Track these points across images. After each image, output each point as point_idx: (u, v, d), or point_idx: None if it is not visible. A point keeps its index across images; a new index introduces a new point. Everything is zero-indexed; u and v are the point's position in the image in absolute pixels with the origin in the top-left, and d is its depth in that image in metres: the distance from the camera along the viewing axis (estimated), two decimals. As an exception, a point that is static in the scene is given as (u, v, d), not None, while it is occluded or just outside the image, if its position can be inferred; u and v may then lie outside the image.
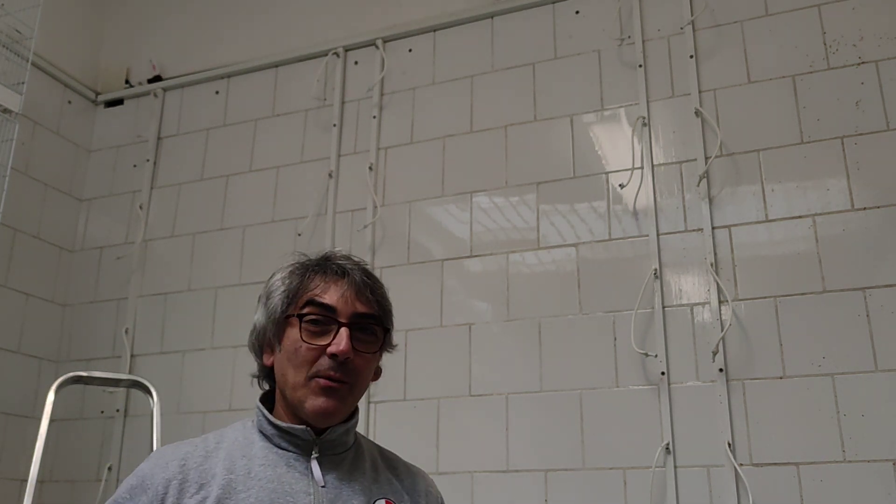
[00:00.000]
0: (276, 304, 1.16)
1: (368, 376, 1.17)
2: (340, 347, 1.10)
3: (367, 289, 1.16)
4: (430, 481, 1.27)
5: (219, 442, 1.14)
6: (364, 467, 1.18)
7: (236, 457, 1.11)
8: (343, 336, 1.11)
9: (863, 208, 2.06)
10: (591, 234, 2.32)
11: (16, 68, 2.48)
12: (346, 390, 1.12)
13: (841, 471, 1.91)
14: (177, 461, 1.09)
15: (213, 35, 3.10)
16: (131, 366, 2.77)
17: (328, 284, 1.15)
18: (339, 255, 1.21)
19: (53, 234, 2.94)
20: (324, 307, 1.13)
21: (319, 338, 1.12)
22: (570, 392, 2.21)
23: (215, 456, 1.11)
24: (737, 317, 2.10)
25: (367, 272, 1.19)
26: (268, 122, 2.88)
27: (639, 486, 2.06)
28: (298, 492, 1.08)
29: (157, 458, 1.12)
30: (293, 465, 1.11)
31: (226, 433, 1.17)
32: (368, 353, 1.15)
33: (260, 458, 1.11)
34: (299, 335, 1.12)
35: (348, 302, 1.14)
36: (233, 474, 1.08)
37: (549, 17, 2.57)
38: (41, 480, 2.33)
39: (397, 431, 2.36)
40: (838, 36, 2.21)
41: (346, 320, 1.12)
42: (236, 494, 1.06)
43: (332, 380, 1.10)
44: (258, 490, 1.07)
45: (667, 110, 2.35)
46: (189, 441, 1.15)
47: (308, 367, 1.11)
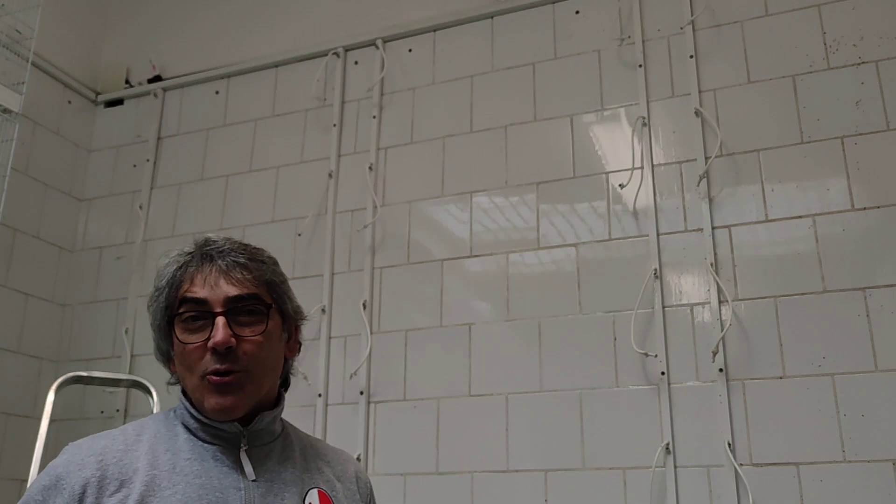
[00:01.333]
0: (155, 311, 1.12)
1: (268, 358, 1.09)
2: (216, 339, 1.03)
3: (237, 268, 1.09)
4: (359, 466, 1.24)
5: (139, 434, 1.08)
6: (294, 457, 1.13)
7: (159, 450, 1.05)
8: (218, 326, 1.04)
9: (863, 208, 2.06)
10: (591, 234, 2.32)
11: (16, 68, 2.48)
12: (243, 380, 1.05)
13: (841, 471, 1.91)
14: (94, 457, 1.03)
15: (213, 35, 3.10)
16: (131, 366, 2.77)
17: (195, 276, 1.09)
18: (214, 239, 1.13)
19: (53, 234, 2.94)
20: (195, 301, 1.07)
21: (199, 334, 1.06)
22: (570, 392, 2.21)
23: (136, 449, 1.04)
24: (737, 317, 2.10)
25: (242, 248, 1.12)
26: (268, 122, 2.88)
27: (639, 486, 2.06)
28: (228, 487, 1.03)
29: (72, 454, 1.05)
30: (220, 459, 1.06)
31: (146, 424, 1.11)
32: (255, 335, 1.07)
33: (185, 451, 1.05)
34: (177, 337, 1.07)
35: (217, 288, 1.07)
36: (156, 469, 1.02)
37: (549, 17, 2.57)
38: (41, 480, 2.32)
39: (397, 431, 2.36)
40: (838, 36, 2.21)
41: (220, 309, 1.06)
42: (161, 491, 1.00)
43: (219, 374, 1.04)
44: (185, 486, 1.01)
45: (667, 110, 2.35)
46: (105, 433, 1.09)
47: (196, 366, 1.05)
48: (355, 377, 2.44)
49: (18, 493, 2.57)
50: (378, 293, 2.52)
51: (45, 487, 1.02)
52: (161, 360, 1.15)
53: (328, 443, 1.25)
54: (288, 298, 1.15)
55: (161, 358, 1.15)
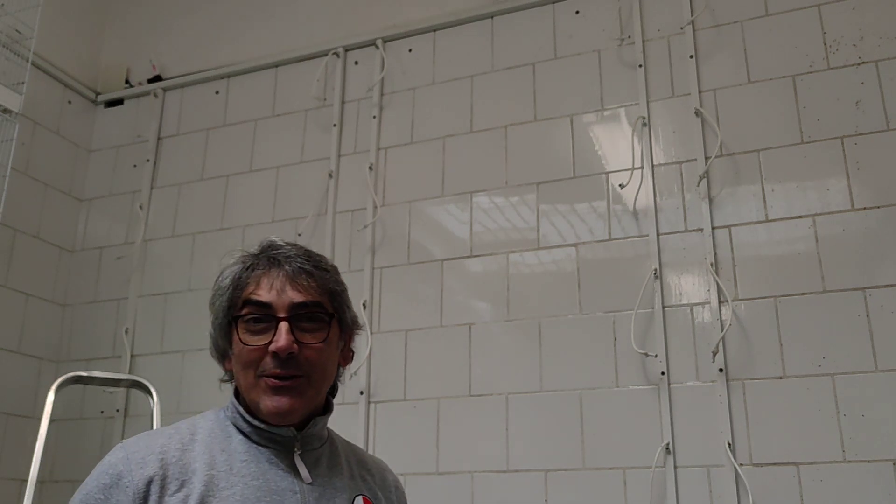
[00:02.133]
0: (218, 308, 1.12)
1: (327, 365, 1.11)
2: (279, 344, 1.05)
3: (302, 275, 1.10)
4: (395, 476, 1.27)
5: (193, 433, 1.08)
6: (341, 463, 1.15)
7: (215, 451, 1.06)
8: (281, 332, 1.06)
9: (863, 208, 2.06)
10: (591, 234, 2.32)
11: (16, 68, 2.48)
12: (303, 384, 1.07)
13: (841, 471, 1.91)
14: (154, 456, 1.02)
15: (213, 35, 3.10)
16: (131, 366, 2.77)
17: (261, 280, 1.09)
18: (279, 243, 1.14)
19: (53, 234, 2.94)
20: (259, 304, 1.08)
21: (260, 336, 1.07)
22: (570, 392, 2.21)
23: (192, 449, 1.05)
24: (737, 317, 2.10)
25: (307, 256, 1.13)
26: (268, 122, 2.88)
27: (639, 486, 2.06)
28: (285, 489, 1.05)
29: (130, 452, 1.03)
30: (275, 462, 1.07)
31: (198, 423, 1.11)
32: (317, 342, 1.08)
33: (241, 452, 1.07)
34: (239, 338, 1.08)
35: (282, 293, 1.08)
36: (214, 470, 1.03)
37: (549, 17, 2.57)
38: (41, 480, 2.32)
39: (397, 431, 2.36)
40: (838, 36, 2.21)
41: (284, 314, 1.07)
42: (220, 492, 1.01)
43: (279, 378, 1.05)
44: (243, 487, 1.02)
45: (667, 110, 2.35)
46: (159, 431, 1.09)
47: (254, 367, 1.07)
48: (355, 377, 2.44)
49: (18, 493, 2.57)
50: (378, 293, 2.52)
51: (106, 486, 1.00)
52: (216, 356, 1.16)
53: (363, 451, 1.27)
54: (347, 307, 1.16)
55: (216, 355, 1.16)
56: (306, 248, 1.15)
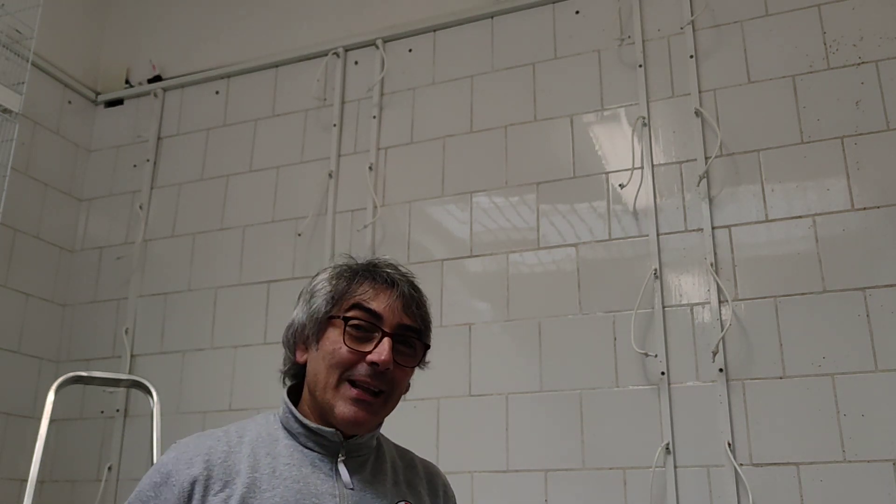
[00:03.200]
0: (319, 303, 1.14)
1: (403, 389, 1.16)
2: (382, 357, 1.08)
3: (413, 302, 1.14)
4: (446, 479, 1.28)
5: (241, 436, 1.11)
6: (385, 469, 1.17)
7: (260, 454, 1.09)
8: (385, 345, 1.09)
9: (863, 208, 2.06)
10: (591, 234, 2.32)
11: (16, 68, 2.48)
12: (381, 402, 1.11)
13: (841, 471, 1.91)
14: (201, 456, 1.06)
15: (213, 35, 3.10)
16: (131, 366, 2.77)
17: (377, 292, 1.13)
18: (385, 263, 1.18)
19: (53, 234, 2.94)
20: (371, 313, 1.11)
21: (361, 343, 1.10)
22: (570, 392, 2.21)
23: (238, 451, 1.08)
24: (737, 317, 2.10)
25: (414, 285, 1.17)
26: (268, 122, 2.88)
27: (639, 486, 2.06)
28: (324, 493, 1.07)
29: (180, 452, 1.08)
30: (318, 466, 1.10)
31: (248, 426, 1.14)
32: (408, 366, 1.14)
33: (285, 456, 1.09)
34: (341, 337, 1.10)
35: (395, 312, 1.12)
36: (257, 472, 1.06)
37: (549, 17, 2.57)
38: (41, 480, 2.32)
39: (397, 431, 2.35)
40: (838, 36, 2.21)
41: (390, 330, 1.11)
42: (261, 494, 1.04)
43: (368, 388, 1.09)
44: (283, 490, 1.05)
45: (667, 110, 2.35)
46: (210, 433, 1.12)
47: (343, 369, 1.09)
48: (355, 377, 2.43)
49: (18, 492, 2.57)
50: (378, 293, 2.51)
51: (156, 484, 1.05)
52: (289, 344, 1.17)
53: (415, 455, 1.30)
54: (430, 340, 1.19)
55: (290, 343, 1.17)
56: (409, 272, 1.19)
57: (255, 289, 2.68)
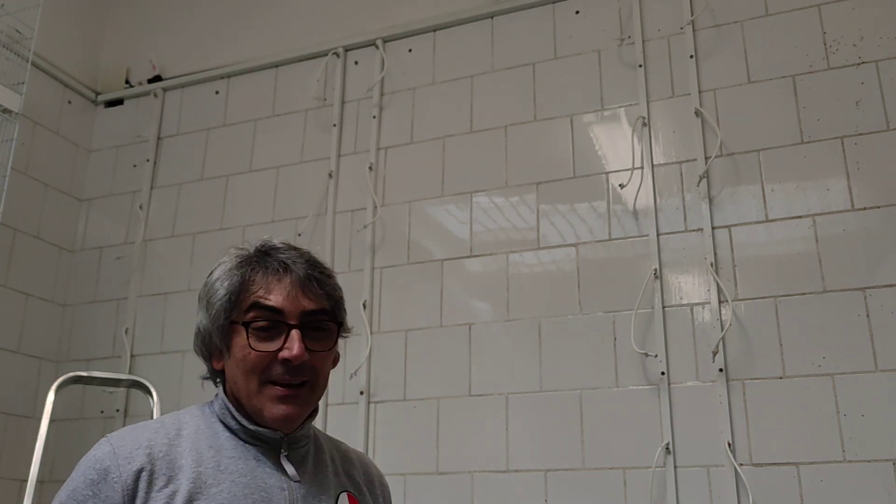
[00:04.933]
0: (218, 309, 1.08)
1: (327, 371, 1.12)
2: (293, 353, 1.04)
3: (312, 282, 1.08)
4: (379, 470, 1.26)
5: (178, 429, 1.06)
6: (326, 460, 1.15)
7: (203, 447, 1.04)
8: (294, 340, 1.04)
9: (863, 208, 2.06)
10: (591, 234, 2.32)
11: (16, 68, 2.48)
12: (306, 392, 1.07)
13: (841, 471, 1.91)
14: (142, 450, 1.00)
15: (213, 35, 3.10)
16: (131, 366, 2.77)
17: (271, 283, 1.07)
18: (276, 246, 1.11)
19: (53, 234, 2.94)
20: (270, 310, 1.05)
21: (269, 343, 1.05)
22: (570, 392, 2.21)
23: (178, 445, 1.03)
24: (737, 317, 2.10)
25: (312, 262, 1.11)
26: (268, 122, 2.88)
27: (639, 486, 2.06)
28: (273, 487, 1.04)
29: (117, 447, 1.01)
30: (263, 460, 1.06)
31: (183, 418, 1.09)
32: (323, 350, 1.08)
33: (228, 449, 1.06)
34: (247, 342, 1.05)
35: (295, 301, 1.06)
36: (202, 466, 1.02)
37: (549, 17, 2.57)
38: (41, 480, 2.32)
39: (397, 431, 2.36)
40: (838, 36, 2.21)
41: (295, 321, 1.05)
42: (207, 489, 0.99)
43: (289, 385, 1.05)
44: (230, 484, 1.01)
45: (667, 110, 2.35)
46: (144, 425, 1.06)
47: (259, 373, 1.05)
48: (355, 377, 2.44)
49: (18, 492, 2.57)
50: (378, 293, 2.52)
51: (93, 482, 0.98)
52: (203, 354, 1.13)
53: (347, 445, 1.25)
54: (345, 313, 1.15)
55: (204, 352, 1.13)
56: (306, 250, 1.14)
57: (255, 289, 2.67)
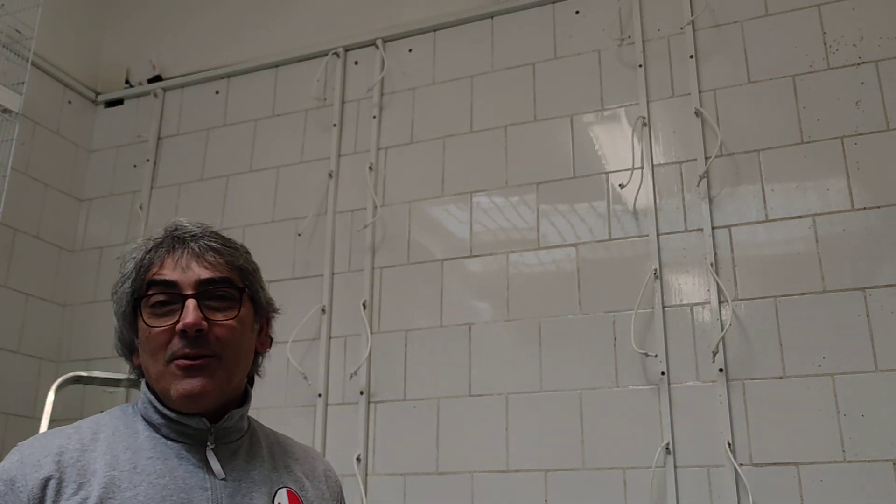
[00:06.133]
0: (119, 297, 1.06)
1: (241, 346, 1.05)
2: (187, 321, 0.99)
3: (209, 252, 1.05)
4: (328, 464, 1.20)
5: (95, 432, 1.02)
6: (261, 454, 1.09)
7: (119, 449, 0.99)
8: (189, 308, 1.00)
9: (863, 208, 2.06)
10: (591, 234, 2.32)
11: (16, 68, 2.48)
12: (213, 364, 1.01)
13: (841, 471, 1.91)
14: (50, 457, 0.96)
15: (213, 35, 3.10)
16: (131, 366, 2.76)
17: (165, 259, 1.04)
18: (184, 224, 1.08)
19: (53, 234, 2.94)
20: (164, 284, 1.02)
21: (167, 318, 1.01)
22: (570, 392, 2.21)
23: (93, 449, 0.98)
24: (737, 317, 2.10)
25: (212, 235, 1.08)
26: (268, 122, 2.88)
27: (639, 486, 2.06)
28: (194, 487, 0.98)
29: (25, 454, 0.98)
30: (185, 457, 1.00)
31: (102, 421, 1.05)
32: (227, 319, 1.03)
33: (147, 449, 1.00)
34: (144, 321, 1.02)
35: (188, 271, 1.02)
36: (115, 470, 0.96)
37: (549, 17, 2.57)
38: (41, 480, 2.32)
39: (397, 431, 2.36)
40: (838, 36, 2.21)
41: (190, 291, 1.01)
42: (121, 493, 0.94)
43: (188, 358, 0.99)
44: (147, 486, 0.95)
45: (667, 110, 2.35)
46: (58, 431, 1.02)
47: (163, 352, 1.00)
48: (355, 377, 2.44)
49: (18, 493, 2.57)
50: (378, 293, 2.52)
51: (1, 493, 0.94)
52: (123, 352, 1.10)
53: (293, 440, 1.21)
54: (260, 287, 1.12)
55: (123, 350, 1.10)
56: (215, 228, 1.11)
57: (255, 289, 2.67)
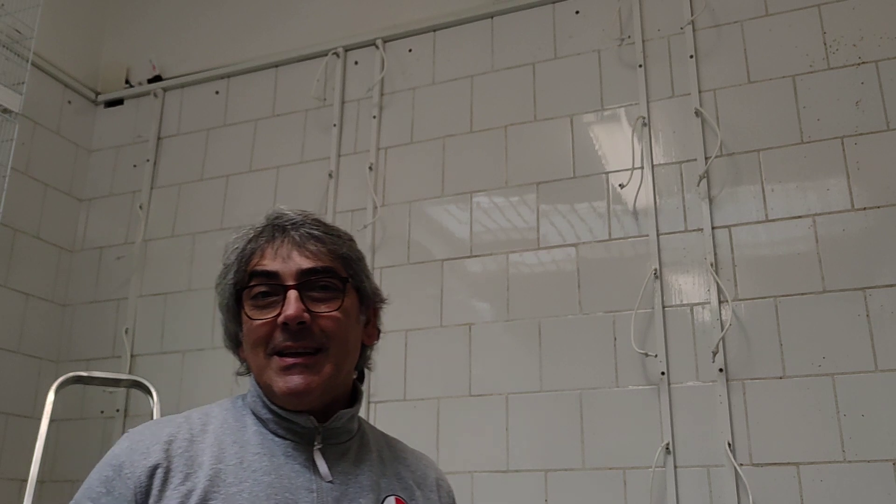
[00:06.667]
0: (223, 289, 1.03)
1: (348, 338, 1.01)
2: (288, 313, 0.95)
3: (310, 240, 1.00)
4: (440, 472, 1.15)
5: (205, 423, 1.00)
6: (370, 459, 1.05)
7: (226, 442, 0.97)
8: (290, 300, 0.96)
9: (863, 208, 2.06)
10: (591, 234, 2.32)
11: (16, 68, 2.48)
12: (319, 360, 0.97)
13: (841, 471, 1.91)
14: (159, 445, 0.94)
15: (213, 35, 3.10)
16: (131, 366, 2.77)
17: (265, 249, 1.00)
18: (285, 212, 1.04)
19: (53, 234, 2.94)
20: (265, 275, 0.98)
21: (268, 310, 0.97)
22: (570, 392, 2.21)
23: (202, 440, 0.97)
24: (737, 317, 2.10)
25: (315, 222, 1.03)
26: (268, 122, 2.88)
27: (639, 486, 2.06)
28: (299, 487, 0.95)
29: (135, 441, 0.96)
30: (292, 456, 0.97)
31: (212, 412, 1.03)
32: (330, 311, 0.98)
33: (254, 444, 0.97)
34: (246, 314, 0.99)
35: (289, 261, 0.98)
36: (222, 463, 0.94)
37: (549, 17, 2.57)
38: (41, 480, 2.32)
39: (397, 431, 2.34)
40: (838, 36, 2.21)
41: (292, 282, 0.97)
42: (226, 487, 0.92)
43: (291, 353, 0.96)
44: (252, 483, 0.93)
45: (667, 110, 2.35)
46: (168, 420, 1.00)
47: (264, 345, 0.97)
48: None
49: (18, 492, 2.57)
50: (378, 293, 2.51)
51: (108, 479, 0.93)
52: (230, 345, 1.07)
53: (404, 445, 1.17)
54: (366, 277, 1.07)
55: (230, 343, 1.07)
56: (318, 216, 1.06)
57: (255, 289, 2.68)
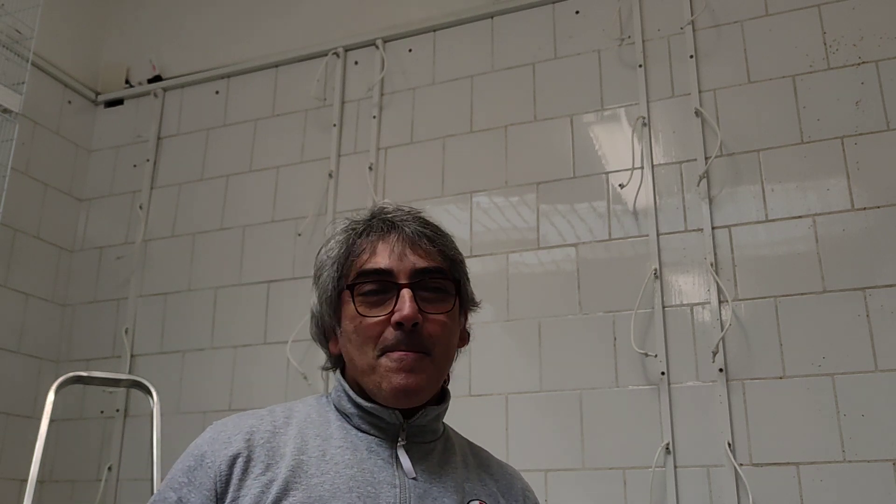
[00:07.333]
0: (325, 282, 1.01)
1: (451, 343, 1.00)
2: (404, 313, 0.93)
3: (422, 238, 0.98)
4: (526, 483, 1.13)
5: (288, 417, 0.99)
6: (455, 461, 1.02)
7: (309, 436, 0.96)
8: (405, 299, 0.94)
9: (863, 208, 2.06)
10: (591, 234, 2.32)
11: (16, 68, 2.48)
12: (427, 364, 0.95)
13: (841, 471, 1.91)
14: (241, 435, 0.94)
15: (213, 35, 3.10)
16: (131, 366, 2.77)
17: (376, 244, 0.98)
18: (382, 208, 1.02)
19: (53, 234, 2.94)
20: (377, 272, 0.96)
21: (380, 308, 0.96)
22: (570, 392, 2.21)
23: (284, 433, 0.96)
24: (737, 317, 2.10)
25: (423, 220, 1.01)
26: (268, 122, 2.88)
27: (639, 486, 2.06)
28: (382, 482, 0.93)
29: (218, 431, 0.96)
30: (375, 451, 0.96)
31: (295, 407, 1.02)
32: (441, 313, 0.97)
33: (337, 438, 0.96)
34: (356, 311, 0.96)
35: (403, 259, 0.96)
36: (304, 455, 0.93)
37: (549, 17, 2.57)
38: (41, 480, 2.32)
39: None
40: (838, 36, 2.21)
41: (406, 280, 0.96)
42: (308, 479, 0.91)
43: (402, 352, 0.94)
44: (334, 475, 0.92)
45: (667, 110, 2.35)
46: (252, 413, 1.00)
47: (374, 343, 0.95)
48: (355, 377, 2.43)
49: (19, 492, 2.57)
50: (378, 293, 2.51)
51: (190, 469, 0.93)
52: (319, 339, 1.05)
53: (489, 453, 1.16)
54: (467, 279, 1.05)
55: (320, 337, 1.05)
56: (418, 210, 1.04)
57: (255, 289, 2.68)
